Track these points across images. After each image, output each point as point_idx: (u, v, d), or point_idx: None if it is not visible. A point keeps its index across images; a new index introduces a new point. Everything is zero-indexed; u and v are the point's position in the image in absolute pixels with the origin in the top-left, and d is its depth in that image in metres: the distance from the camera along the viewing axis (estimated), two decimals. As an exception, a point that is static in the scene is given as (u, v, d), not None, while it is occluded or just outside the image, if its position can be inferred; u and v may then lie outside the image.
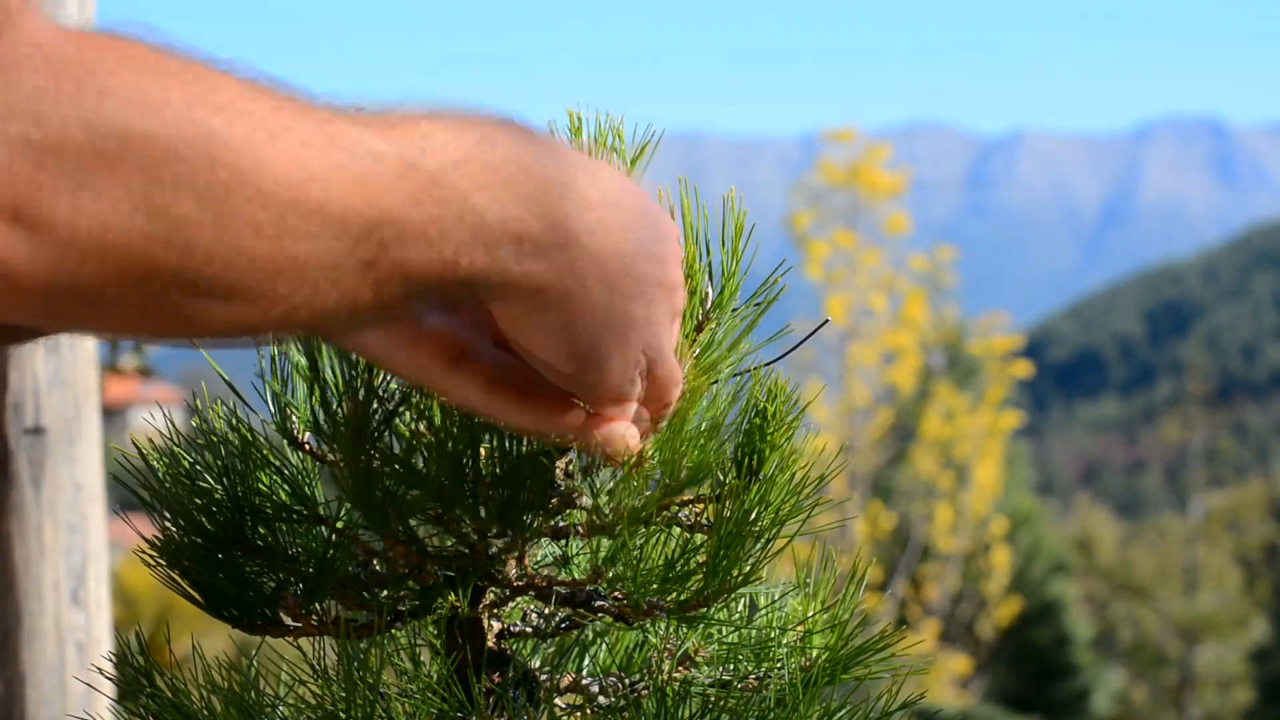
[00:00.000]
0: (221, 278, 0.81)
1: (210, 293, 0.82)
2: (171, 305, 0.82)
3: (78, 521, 2.65)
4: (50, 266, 0.78)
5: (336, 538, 1.11)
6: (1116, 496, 67.97)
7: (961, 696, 20.59)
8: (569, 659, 1.23)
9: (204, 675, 1.13)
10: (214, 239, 0.80)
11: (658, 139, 1.20)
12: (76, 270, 0.79)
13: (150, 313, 0.83)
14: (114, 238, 0.79)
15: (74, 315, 0.83)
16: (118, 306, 0.82)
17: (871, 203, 18.73)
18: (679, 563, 1.12)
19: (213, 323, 0.84)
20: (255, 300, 0.83)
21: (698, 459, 1.10)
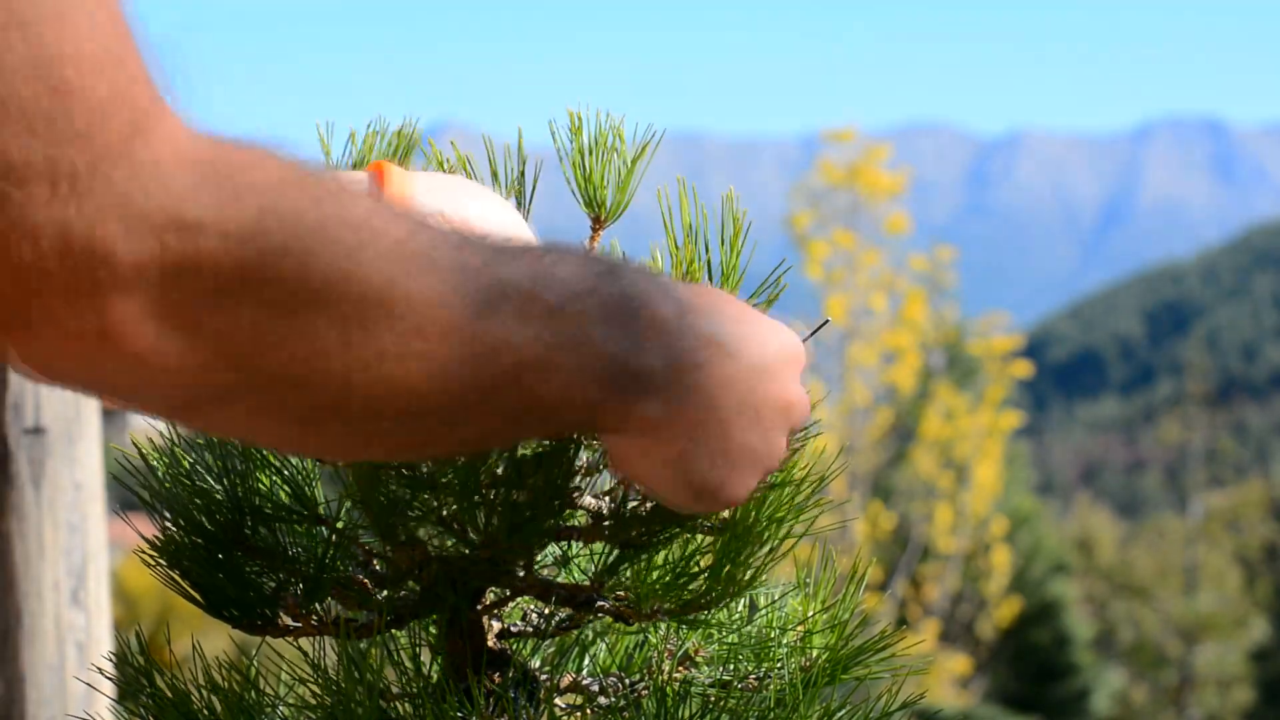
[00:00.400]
0: (347, 401, 0.83)
1: (335, 413, 0.83)
2: (295, 417, 0.84)
3: (78, 521, 2.65)
4: (197, 366, 0.79)
5: (336, 538, 1.11)
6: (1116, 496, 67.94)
7: (961, 696, 20.58)
8: (569, 659, 1.23)
9: (204, 675, 1.13)
10: (344, 359, 0.82)
11: (658, 139, 1.20)
12: (218, 373, 0.80)
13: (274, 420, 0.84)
14: (267, 348, 0.80)
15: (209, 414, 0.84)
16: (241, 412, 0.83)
17: (871, 203, 18.72)
18: (681, 565, 1.12)
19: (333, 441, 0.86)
20: (388, 430, 0.85)
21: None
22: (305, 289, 0.80)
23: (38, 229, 0.74)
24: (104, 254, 0.75)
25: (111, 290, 0.76)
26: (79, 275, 0.76)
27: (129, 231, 0.76)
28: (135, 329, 0.77)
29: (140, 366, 0.79)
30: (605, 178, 1.19)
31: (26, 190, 0.74)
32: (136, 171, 0.76)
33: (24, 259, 0.74)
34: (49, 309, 0.76)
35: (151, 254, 0.76)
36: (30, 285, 0.75)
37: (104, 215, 0.75)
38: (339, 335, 0.81)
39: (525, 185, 1.16)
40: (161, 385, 0.81)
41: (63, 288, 0.76)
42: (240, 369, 0.80)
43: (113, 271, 0.76)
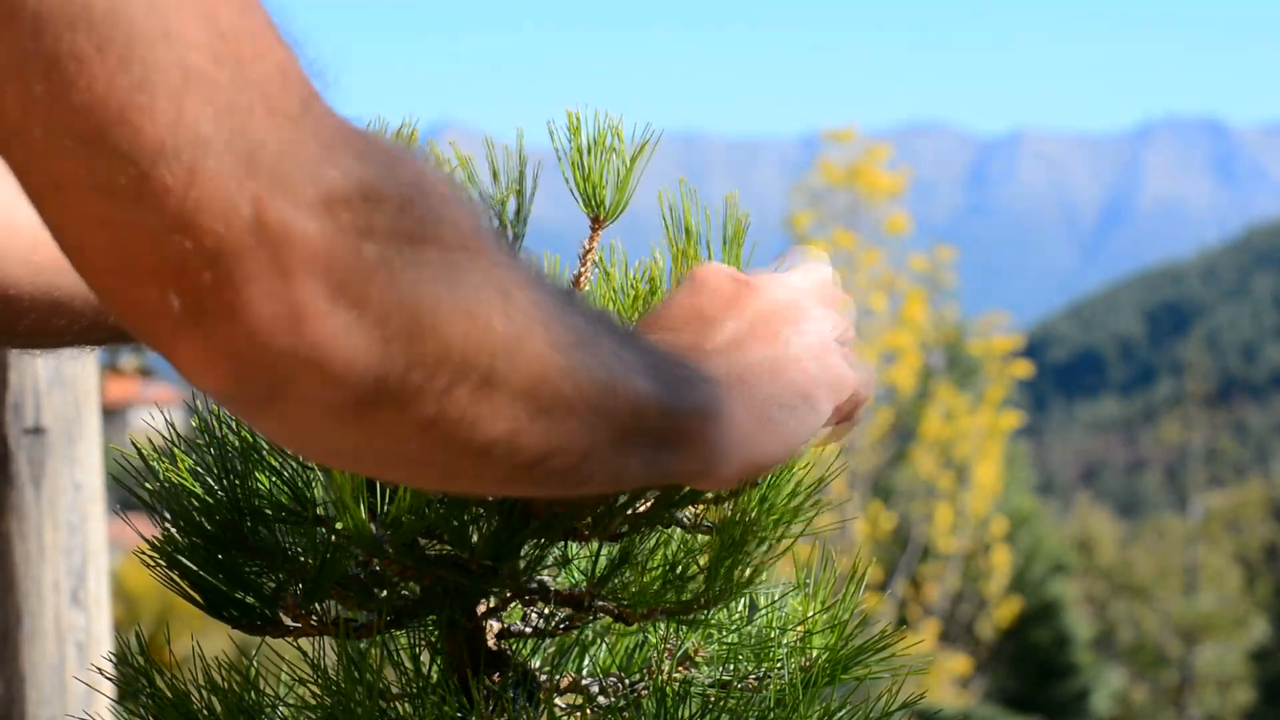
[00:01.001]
0: (482, 361, 0.82)
1: (480, 381, 0.82)
2: (453, 403, 0.82)
3: (78, 521, 2.65)
4: (368, 346, 0.78)
5: (335, 538, 1.11)
6: (1116, 496, 67.95)
7: (961, 696, 20.58)
8: (569, 659, 1.23)
9: (204, 676, 1.13)
10: (471, 320, 0.81)
11: (657, 138, 1.20)
12: (390, 353, 0.78)
13: (455, 430, 0.83)
14: (427, 319, 0.79)
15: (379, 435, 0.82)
16: (427, 421, 0.81)
17: (871, 203, 18.73)
18: (680, 566, 1.12)
19: (489, 433, 0.84)
20: (520, 396, 0.84)
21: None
22: (460, 248, 0.81)
23: (227, 205, 0.73)
24: (293, 230, 0.74)
25: (299, 269, 0.75)
26: (269, 254, 0.74)
27: (313, 205, 0.75)
28: (320, 311, 0.76)
29: (317, 357, 0.76)
30: (604, 177, 1.19)
31: (218, 162, 0.73)
32: (315, 143, 0.76)
33: (216, 237, 0.73)
34: (237, 295, 0.74)
35: (334, 229, 0.76)
36: (218, 270, 0.74)
37: (291, 189, 0.75)
38: (494, 299, 0.82)
39: (525, 186, 1.16)
40: (335, 381, 0.78)
41: (251, 271, 0.74)
42: (408, 345, 0.78)
43: (302, 248, 0.75)
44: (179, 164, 0.72)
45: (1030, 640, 23.76)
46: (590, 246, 1.20)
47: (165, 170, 0.72)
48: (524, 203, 1.16)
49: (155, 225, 0.73)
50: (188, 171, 0.72)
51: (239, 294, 0.74)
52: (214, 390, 0.78)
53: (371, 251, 0.77)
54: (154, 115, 0.72)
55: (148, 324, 0.76)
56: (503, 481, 0.90)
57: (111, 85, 0.71)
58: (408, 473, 0.90)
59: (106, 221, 0.73)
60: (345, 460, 0.90)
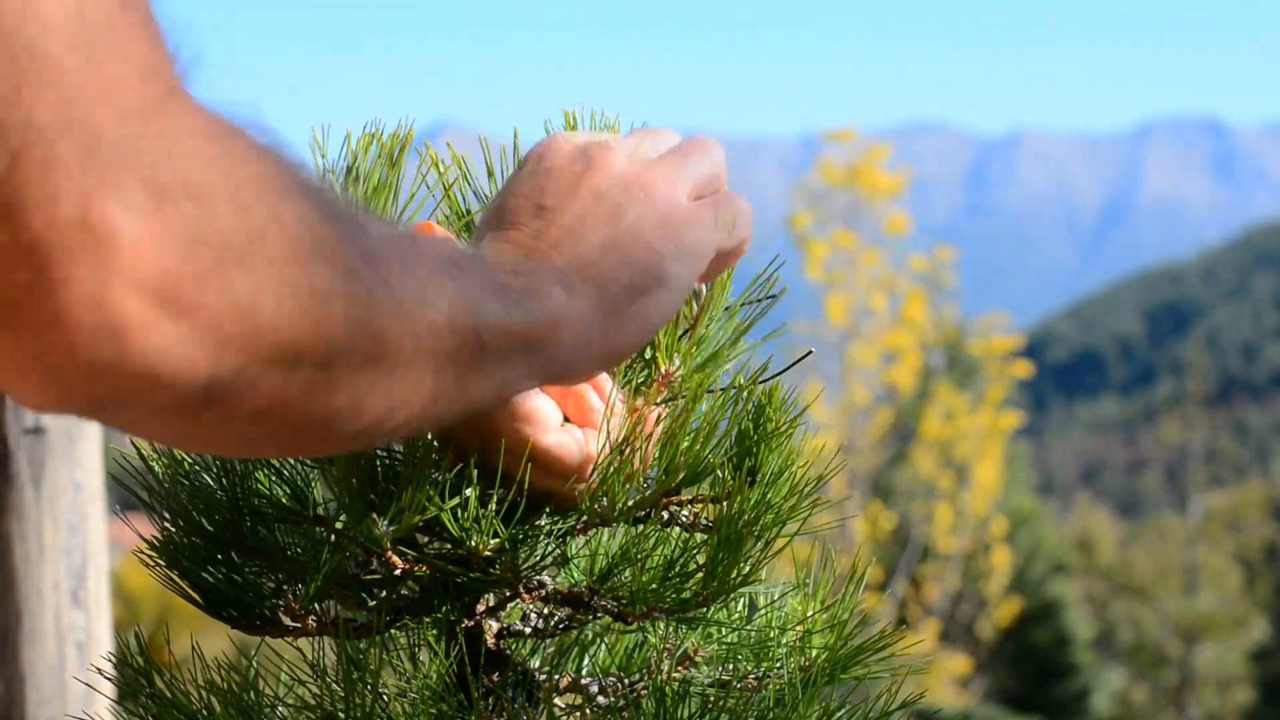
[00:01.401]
0: (320, 350, 0.79)
1: (309, 369, 0.79)
2: (317, 395, 0.80)
3: (78, 521, 2.65)
4: (197, 357, 0.74)
5: (335, 538, 1.11)
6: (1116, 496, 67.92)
7: (961, 696, 20.57)
8: (568, 659, 1.23)
9: (203, 676, 1.13)
10: (309, 312, 0.78)
11: (655, 138, 1.20)
12: (222, 360, 0.75)
13: (293, 412, 0.80)
14: (265, 319, 0.76)
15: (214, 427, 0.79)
16: (262, 410, 0.79)
17: (871, 203, 18.72)
18: (679, 564, 1.12)
19: (328, 409, 0.82)
20: (358, 372, 0.82)
21: (696, 455, 1.11)
22: (297, 244, 0.78)
23: (54, 197, 0.69)
24: (119, 230, 0.70)
25: (123, 275, 0.71)
26: (92, 256, 0.70)
27: (144, 205, 0.71)
28: (144, 322, 0.71)
29: (142, 369, 0.73)
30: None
31: (48, 152, 0.68)
32: (161, 140, 0.72)
33: (35, 231, 0.68)
34: (54, 299, 0.70)
35: (162, 231, 0.71)
36: (35, 269, 0.69)
37: (123, 186, 0.70)
38: (332, 279, 0.79)
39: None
40: (163, 389, 0.74)
41: (72, 273, 0.69)
42: (241, 349, 0.75)
43: (127, 251, 0.70)
44: (4, 148, 0.68)
45: (1030, 640, 23.75)
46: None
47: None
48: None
49: None
50: (11, 157, 0.68)
51: (56, 298, 0.70)
52: (32, 402, 0.74)
53: (204, 256, 0.73)
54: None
55: None
56: (351, 441, 0.87)
57: None
58: (252, 451, 0.88)
59: None
60: (188, 447, 0.88)
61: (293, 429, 0.82)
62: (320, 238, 0.79)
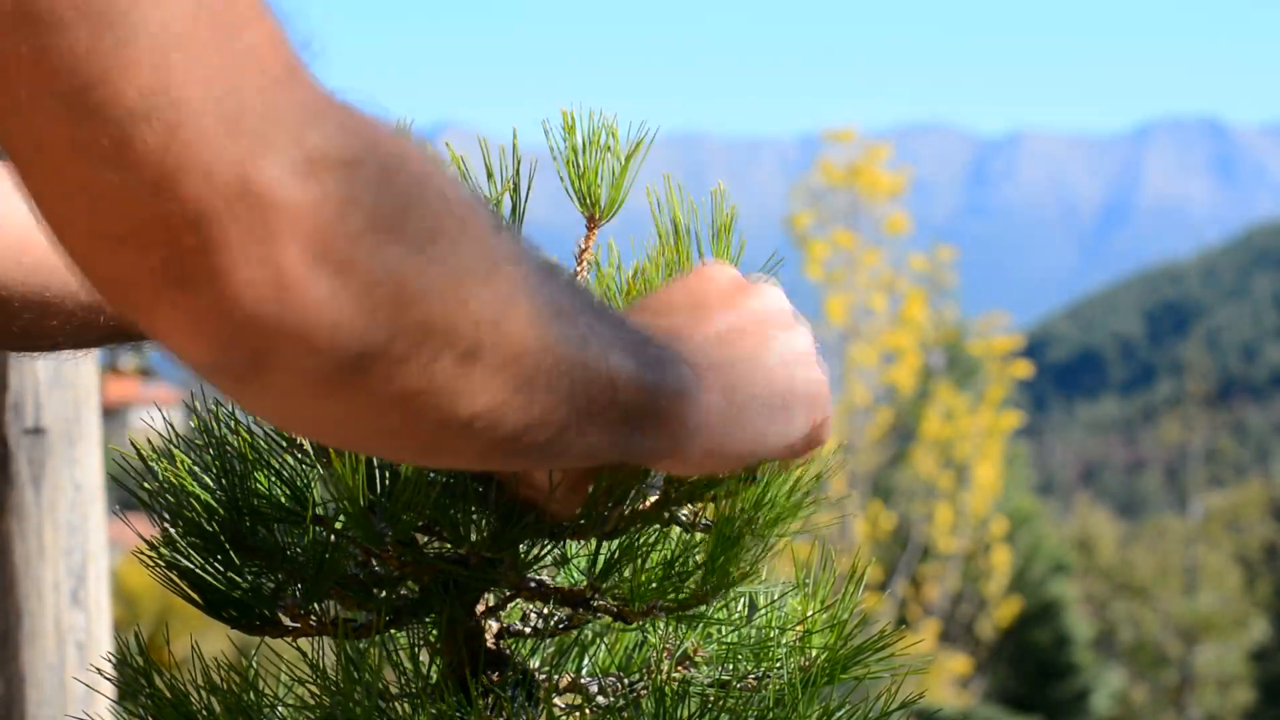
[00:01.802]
0: (466, 331, 0.81)
1: (464, 353, 0.81)
2: (436, 375, 0.81)
3: (78, 522, 2.65)
4: (354, 316, 0.76)
5: (334, 537, 1.11)
6: (1116, 496, 67.93)
7: (961, 696, 20.58)
8: (568, 659, 1.23)
9: (202, 676, 1.13)
10: (454, 290, 0.80)
11: (652, 137, 1.20)
12: (375, 323, 0.77)
13: (437, 404, 0.82)
14: (412, 288, 0.78)
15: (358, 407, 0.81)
16: (408, 394, 0.80)
17: (871, 203, 18.73)
18: (678, 562, 1.12)
19: (471, 406, 0.83)
20: (501, 368, 0.83)
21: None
22: (445, 217, 0.80)
23: (210, 167, 0.72)
24: (277, 193, 0.73)
25: (284, 234, 0.74)
26: (253, 217, 0.73)
27: (298, 170, 0.74)
28: (303, 277, 0.74)
29: (302, 324, 0.75)
30: (599, 176, 1.19)
31: (201, 124, 0.72)
32: (301, 109, 0.75)
33: (198, 200, 0.72)
34: (219, 259, 0.73)
35: (319, 194, 0.74)
36: (200, 233, 0.72)
37: (276, 152, 0.73)
38: (479, 270, 0.81)
39: (521, 185, 1.16)
40: (319, 349, 0.76)
41: (235, 234, 0.73)
42: (393, 315, 0.78)
43: (287, 213, 0.73)
44: (160, 125, 0.71)
45: (1030, 640, 23.76)
46: (586, 246, 1.20)
47: (146, 131, 0.71)
48: (519, 202, 1.16)
49: (136, 188, 0.72)
50: (169, 133, 0.71)
51: (221, 258, 0.73)
52: (195, 360, 0.77)
53: (356, 219, 0.76)
54: (135, 76, 0.71)
55: (127, 292, 0.75)
56: (481, 455, 0.89)
57: (93, 45, 0.70)
58: (388, 445, 0.89)
59: (87, 184, 0.72)
60: (326, 433, 0.89)
61: (436, 424, 0.84)
62: (463, 220, 0.82)
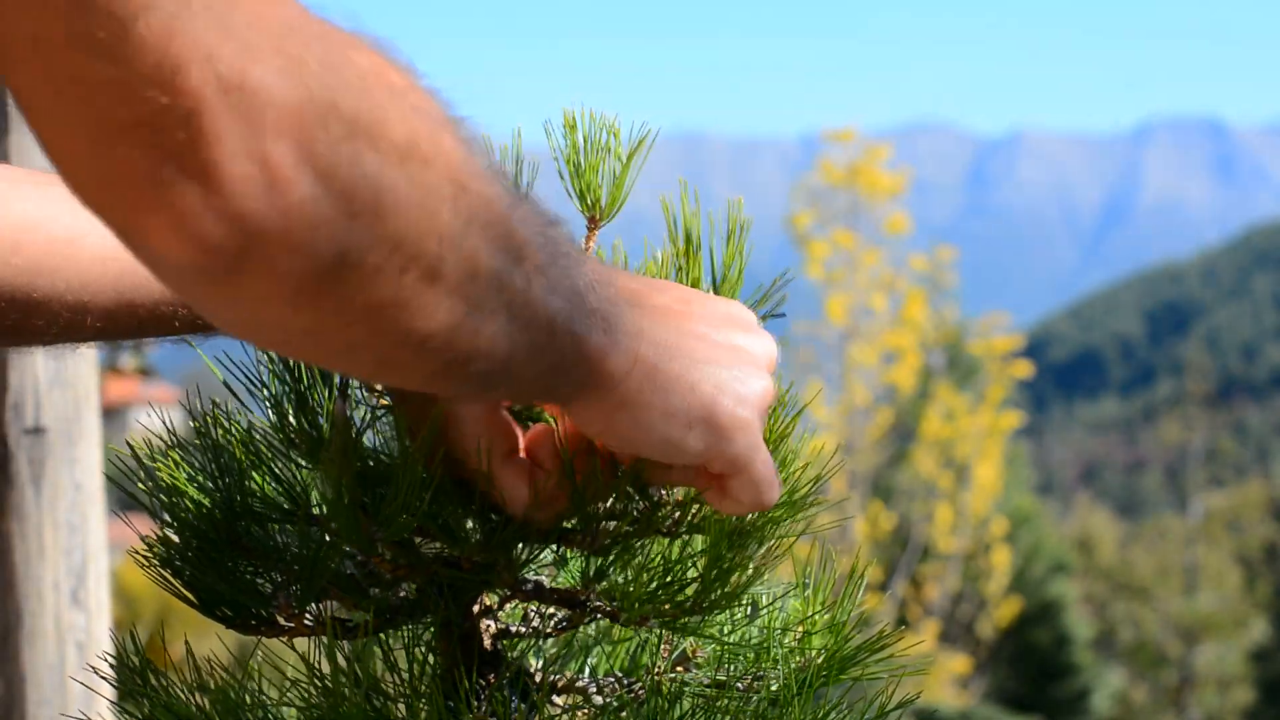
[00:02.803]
0: (431, 248, 0.83)
1: (428, 269, 0.83)
2: (402, 288, 0.82)
3: (78, 522, 2.65)
4: (334, 220, 0.78)
5: (328, 538, 1.11)
6: (1116, 496, 67.93)
7: (961, 696, 20.58)
8: (569, 660, 1.23)
9: (193, 676, 1.13)
10: (424, 206, 0.82)
11: (653, 138, 1.20)
12: (353, 230, 0.79)
13: (400, 319, 0.83)
14: (387, 199, 0.80)
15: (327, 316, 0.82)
16: (375, 306, 0.82)
17: (871, 203, 18.73)
18: (673, 572, 1.12)
19: (430, 322, 0.85)
20: (458, 290, 0.85)
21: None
22: (415, 140, 0.81)
23: (206, 60, 0.73)
24: (269, 91, 0.75)
25: (273, 130, 0.75)
26: (245, 112, 0.74)
27: (283, 73, 0.75)
28: (290, 176, 0.76)
29: (285, 223, 0.76)
30: (600, 177, 1.19)
31: (196, 22, 0.73)
32: (282, 22, 0.76)
33: (192, 93, 0.73)
34: (210, 153, 0.74)
35: (304, 96, 0.76)
36: (192, 127, 0.74)
37: (263, 56, 0.75)
38: (448, 189, 0.83)
39: (522, 185, 1.16)
40: (299, 250, 0.78)
41: (226, 128, 0.74)
42: (370, 223, 0.79)
43: (276, 110, 0.75)
44: (159, 19, 0.72)
45: (1030, 640, 23.76)
46: (586, 246, 1.20)
47: (144, 25, 0.72)
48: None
49: (131, 80, 0.73)
50: (167, 27, 0.72)
51: (212, 152, 0.74)
52: (175, 260, 0.77)
53: (338, 126, 0.77)
54: None
55: (114, 189, 0.76)
56: (430, 376, 0.90)
57: None
58: (346, 359, 0.90)
59: (81, 77, 0.73)
60: (291, 344, 0.89)
61: (395, 338, 0.85)
62: (436, 137, 0.83)
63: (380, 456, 1.10)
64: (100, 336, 1.23)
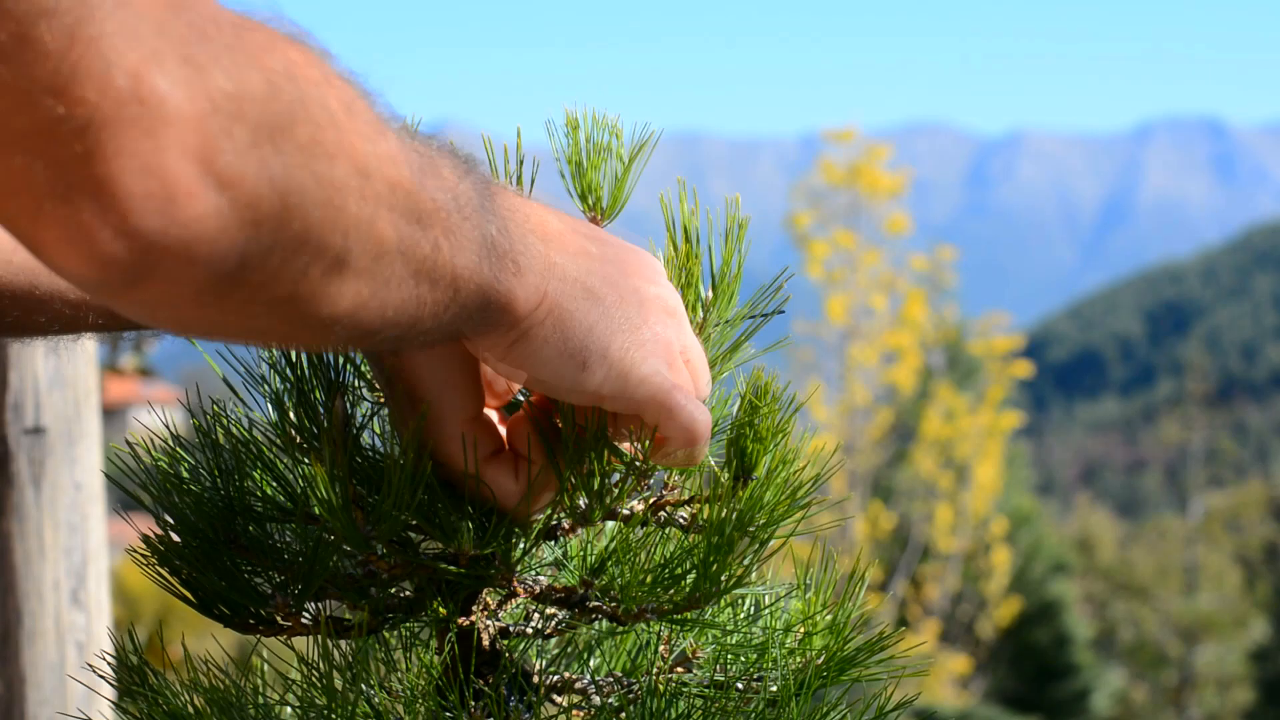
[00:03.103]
0: (336, 242, 0.83)
1: (333, 261, 0.83)
2: (307, 283, 0.83)
3: (78, 521, 2.65)
4: (236, 230, 0.77)
5: (325, 536, 1.11)
6: (1116, 496, 67.94)
7: (961, 696, 20.58)
8: (570, 660, 1.23)
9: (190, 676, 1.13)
10: (330, 203, 0.82)
11: (655, 139, 1.20)
12: (258, 236, 0.78)
13: (304, 307, 0.84)
14: (293, 201, 0.79)
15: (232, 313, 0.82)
16: (280, 299, 0.82)
17: (872, 203, 18.74)
18: (671, 566, 1.12)
19: (335, 308, 0.85)
20: (364, 273, 0.85)
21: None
22: (321, 136, 0.81)
23: (107, 71, 0.71)
24: (168, 103, 0.73)
25: (173, 144, 0.73)
26: (144, 125, 0.72)
27: (187, 83, 0.74)
28: (190, 189, 0.74)
29: (187, 237, 0.75)
30: (601, 177, 1.19)
31: (100, 29, 0.71)
32: (189, 27, 0.75)
33: (90, 104, 0.71)
34: (107, 168, 0.72)
35: (207, 107, 0.74)
36: (88, 139, 0.72)
37: (167, 65, 0.73)
38: (353, 181, 0.83)
39: (524, 185, 1.16)
40: (201, 262, 0.77)
41: (125, 142, 0.72)
42: (274, 229, 0.79)
43: (177, 123, 0.73)
44: (60, 24, 0.70)
45: (1030, 640, 23.75)
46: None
47: (45, 29, 0.70)
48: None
49: (27, 86, 0.71)
50: (68, 33, 0.71)
51: (110, 167, 0.73)
52: (75, 274, 0.76)
53: (242, 133, 0.76)
54: None
55: (12, 199, 0.74)
56: (344, 344, 0.92)
57: None
58: (258, 340, 0.93)
59: None
60: (201, 333, 0.90)
61: (301, 324, 0.86)
62: (341, 129, 0.82)
63: (374, 456, 1.11)
64: (102, 329, 1.23)
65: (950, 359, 20.47)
